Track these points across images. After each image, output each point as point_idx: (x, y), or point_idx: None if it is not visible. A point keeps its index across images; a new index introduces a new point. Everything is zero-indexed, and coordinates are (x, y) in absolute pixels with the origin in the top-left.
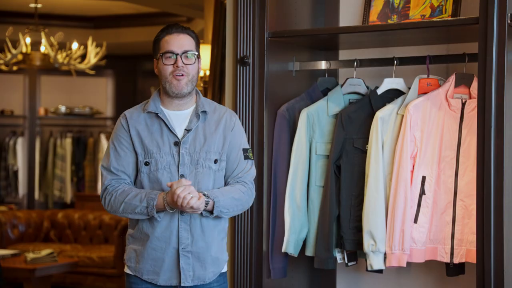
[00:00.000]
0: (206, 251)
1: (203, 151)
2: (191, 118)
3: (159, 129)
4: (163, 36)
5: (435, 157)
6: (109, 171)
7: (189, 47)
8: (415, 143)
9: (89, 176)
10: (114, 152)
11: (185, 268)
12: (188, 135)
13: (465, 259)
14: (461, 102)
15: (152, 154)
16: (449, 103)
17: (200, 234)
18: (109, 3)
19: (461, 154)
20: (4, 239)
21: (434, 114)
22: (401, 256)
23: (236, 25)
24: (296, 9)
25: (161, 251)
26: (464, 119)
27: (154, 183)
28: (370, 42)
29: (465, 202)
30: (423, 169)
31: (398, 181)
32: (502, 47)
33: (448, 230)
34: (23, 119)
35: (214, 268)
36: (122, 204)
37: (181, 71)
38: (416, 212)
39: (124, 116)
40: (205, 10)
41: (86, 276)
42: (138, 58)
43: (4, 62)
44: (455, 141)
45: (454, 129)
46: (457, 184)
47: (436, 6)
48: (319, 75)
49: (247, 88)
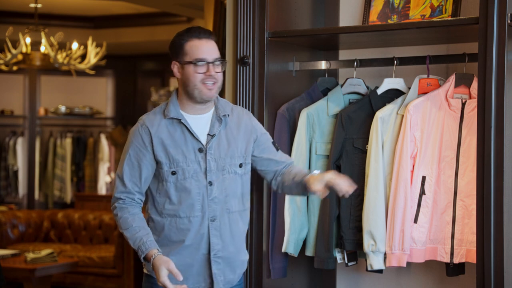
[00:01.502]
0: (236, 255)
1: (228, 156)
2: (213, 122)
3: (182, 136)
4: (190, 39)
5: (435, 157)
6: (121, 181)
7: (218, 54)
8: (415, 143)
9: (89, 176)
10: (128, 162)
11: (217, 274)
12: (212, 141)
13: (465, 259)
14: (461, 102)
15: (178, 163)
16: (449, 103)
17: (230, 239)
18: (109, 3)
19: (461, 154)
20: (4, 239)
21: (434, 114)
22: (401, 256)
23: (236, 25)
24: (296, 9)
25: (190, 256)
26: (464, 119)
27: (182, 191)
28: (370, 42)
29: (465, 202)
30: (423, 169)
31: (398, 181)
32: (502, 47)
33: (448, 230)
34: (23, 119)
35: (240, 270)
36: (122, 230)
37: (213, 79)
38: (416, 212)
39: (143, 124)
40: (205, 10)
41: (86, 276)
42: (138, 58)
43: (4, 62)
44: (455, 141)
45: (454, 129)
46: (457, 184)
47: (436, 6)
48: (319, 75)
49: (247, 88)
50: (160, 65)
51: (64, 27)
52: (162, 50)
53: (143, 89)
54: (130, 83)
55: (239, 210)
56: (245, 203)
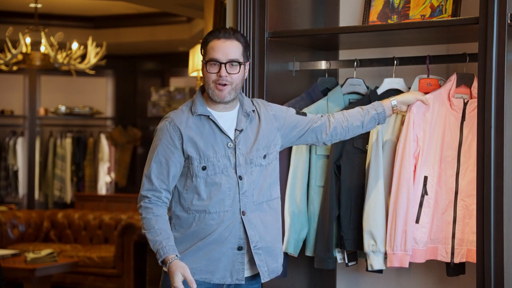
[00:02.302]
0: (274, 244)
1: (253, 150)
2: (240, 118)
3: (211, 132)
4: (211, 39)
5: (437, 157)
6: (148, 179)
7: (235, 55)
8: (417, 142)
9: (89, 176)
10: (156, 160)
11: (260, 265)
12: (240, 136)
13: (466, 258)
14: (463, 102)
15: (209, 158)
16: (451, 102)
17: (264, 229)
18: (109, 3)
19: (462, 154)
20: (4, 239)
21: (437, 113)
22: (403, 256)
23: (236, 25)
24: (296, 9)
25: (217, 251)
26: (466, 119)
27: (212, 186)
28: (370, 42)
29: (466, 202)
30: (425, 169)
31: (400, 181)
32: (502, 47)
33: (449, 230)
34: (23, 119)
35: (281, 258)
36: (145, 230)
37: (224, 81)
38: (418, 212)
39: (172, 121)
40: (205, 10)
41: (86, 276)
42: (138, 58)
43: (4, 62)
44: (457, 141)
45: (456, 129)
46: (458, 184)
47: (436, 6)
48: (319, 75)
49: (247, 88)
50: (160, 65)
51: (64, 27)
52: (162, 50)
53: (143, 89)
54: (130, 83)
55: (266, 200)
56: (273, 193)
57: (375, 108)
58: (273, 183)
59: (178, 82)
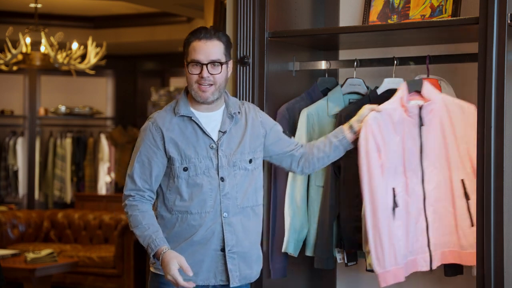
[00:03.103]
0: (250, 251)
1: (238, 152)
2: (224, 119)
3: (194, 133)
4: (192, 40)
5: (400, 166)
6: (131, 179)
7: (216, 56)
8: (379, 155)
9: (89, 176)
10: (139, 160)
11: (232, 269)
12: (224, 138)
13: (442, 261)
14: (418, 107)
15: (190, 159)
16: (406, 109)
17: (243, 234)
18: (109, 3)
19: (424, 159)
20: (4, 239)
21: (393, 122)
22: (397, 271)
23: (236, 25)
24: (296, 9)
25: (201, 252)
26: (424, 123)
27: (193, 187)
28: (370, 42)
29: (434, 206)
30: (391, 180)
31: (374, 196)
32: (502, 47)
33: (423, 238)
34: (23, 119)
35: (257, 266)
36: (132, 228)
37: (207, 81)
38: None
39: (154, 121)
40: (205, 10)
41: (86, 276)
42: (138, 58)
43: (4, 62)
44: (417, 147)
45: (415, 135)
46: (425, 190)
47: (436, 6)
48: (319, 75)
49: (247, 88)
50: (160, 65)
51: (64, 27)
52: (162, 50)
53: (143, 89)
54: (130, 83)
55: (251, 205)
56: (258, 198)
57: (336, 135)
58: (259, 189)
59: (178, 82)
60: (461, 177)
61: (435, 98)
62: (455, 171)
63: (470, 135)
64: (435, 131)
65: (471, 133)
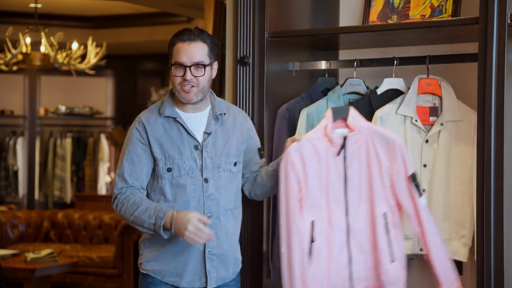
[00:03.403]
0: (229, 253)
1: (223, 154)
2: (209, 121)
3: (178, 134)
4: (176, 42)
5: (323, 198)
6: (121, 178)
7: (200, 58)
8: (299, 186)
9: (89, 176)
10: (127, 159)
11: (210, 270)
12: (208, 139)
13: None
14: (342, 137)
15: (174, 159)
16: (329, 140)
17: (225, 236)
18: (109, 3)
19: (348, 191)
20: (4, 239)
21: (316, 152)
22: None
23: (236, 25)
24: (296, 9)
25: (186, 253)
26: (347, 154)
27: (177, 188)
28: (370, 42)
29: (358, 239)
30: (311, 213)
31: (290, 231)
32: (502, 47)
33: (345, 272)
34: (23, 119)
35: (234, 268)
36: (132, 216)
37: (190, 83)
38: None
39: (140, 121)
40: (205, 10)
41: (86, 276)
42: (138, 58)
43: (4, 62)
44: (341, 178)
45: (339, 166)
46: (348, 223)
47: (436, 6)
48: (319, 75)
49: (247, 88)
50: (160, 65)
51: (64, 27)
52: (162, 50)
53: (143, 89)
54: (130, 83)
55: (232, 208)
56: (238, 201)
57: (273, 164)
58: (238, 191)
59: None
60: (383, 211)
61: (361, 128)
62: (378, 204)
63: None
64: (359, 162)
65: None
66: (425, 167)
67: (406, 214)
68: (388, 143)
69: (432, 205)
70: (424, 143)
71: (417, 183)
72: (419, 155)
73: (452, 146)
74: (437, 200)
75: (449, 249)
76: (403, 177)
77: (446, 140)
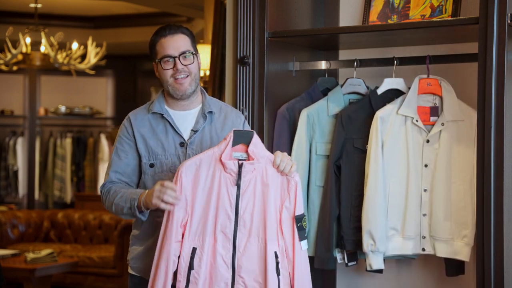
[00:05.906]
0: None
1: None
2: (198, 119)
3: (164, 130)
4: (158, 39)
5: (210, 225)
6: (107, 174)
7: (186, 47)
8: (185, 208)
9: (89, 176)
10: (115, 155)
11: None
12: (195, 136)
13: None
14: (238, 164)
15: (157, 155)
16: (223, 165)
17: None
18: (109, 3)
19: (239, 223)
20: (4, 239)
21: (208, 177)
22: None
23: (236, 25)
24: (296, 9)
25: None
26: (242, 183)
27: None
28: (370, 42)
29: (244, 279)
30: (195, 239)
31: (161, 253)
32: (502, 47)
33: None
34: (23, 119)
35: None
36: (113, 205)
37: (182, 73)
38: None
39: (128, 118)
40: (205, 10)
41: (86, 276)
42: (138, 58)
43: (4, 62)
44: (232, 208)
45: (232, 194)
46: (235, 259)
47: (436, 6)
48: (319, 75)
49: (247, 88)
50: None
51: (64, 27)
52: None
53: (143, 89)
54: (130, 83)
55: None
56: None
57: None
58: None
59: None
60: (275, 249)
61: (260, 157)
62: (271, 241)
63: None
64: (253, 194)
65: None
66: (426, 167)
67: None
68: (285, 177)
69: (433, 205)
70: (425, 143)
71: (301, 226)
72: (420, 155)
73: (453, 146)
74: (438, 200)
75: (451, 248)
76: (291, 216)
77: (447, 139)
